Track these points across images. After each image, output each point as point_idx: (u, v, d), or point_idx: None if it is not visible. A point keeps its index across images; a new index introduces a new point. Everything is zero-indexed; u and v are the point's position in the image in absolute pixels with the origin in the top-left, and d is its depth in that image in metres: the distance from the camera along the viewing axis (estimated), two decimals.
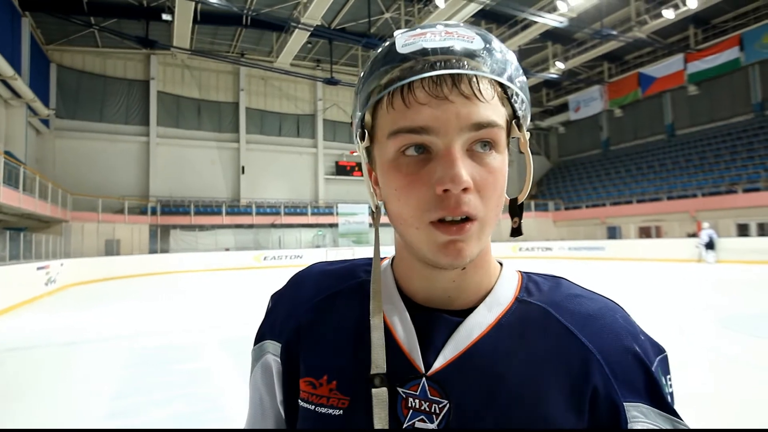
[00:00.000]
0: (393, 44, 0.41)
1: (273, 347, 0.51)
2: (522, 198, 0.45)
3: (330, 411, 0.44)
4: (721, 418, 2.74)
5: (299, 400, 0.47)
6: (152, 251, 18.09)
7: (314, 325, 0.49)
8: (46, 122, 17.09)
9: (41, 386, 3.72)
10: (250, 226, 20.86)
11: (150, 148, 20.09)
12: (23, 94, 13.71)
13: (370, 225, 21.77)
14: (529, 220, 24.13)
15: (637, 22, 17.54)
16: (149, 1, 16.51)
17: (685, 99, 22.67)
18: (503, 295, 0.46)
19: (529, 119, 0.45)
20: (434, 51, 0.39)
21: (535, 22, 16.82)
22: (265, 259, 18.78)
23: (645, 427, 0.40)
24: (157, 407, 3.18)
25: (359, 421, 0.42)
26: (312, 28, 16.73)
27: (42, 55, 17.12)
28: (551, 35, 19.44)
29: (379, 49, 0.43)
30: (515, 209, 0.46)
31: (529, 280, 0.49)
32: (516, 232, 0.46)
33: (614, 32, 17.49)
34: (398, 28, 18.55)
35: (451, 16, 15.96)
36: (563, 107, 26.42)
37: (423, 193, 0.39)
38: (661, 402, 0.42)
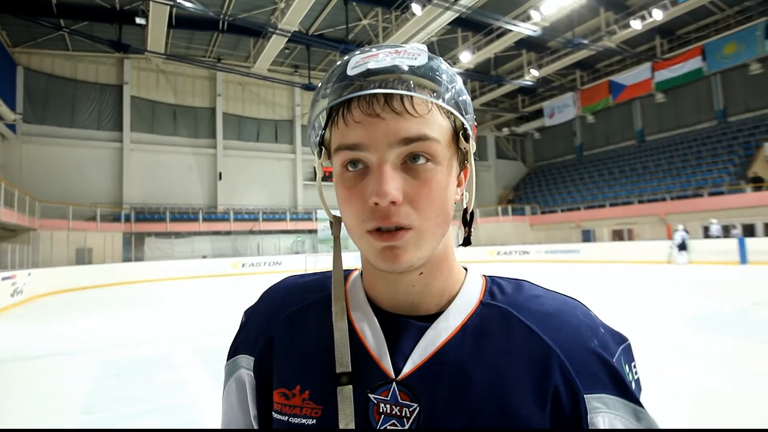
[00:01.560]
0: (345, 65, 0.44)
1: (246, 361, 0.52)
2: (470, 207, 0.48)
3: (303, 421, 0.45)
4: (710, 418, 2.85)
5: (273, 412, 0.48)
6: (126, 259, 17.61)
7: (286, 338, 0.51)
8: (12, 127, 16.48)
9: (7, 402, 3.59)
10: (228, 233, 20.55)
11: (123, 154, 19.60)
12: None
13: None
14: (506, 224, 24.55)
15: (607, 31, 18.16)
16: (122, 5, 16.17)
17: (653, 106, 23.55)
18: (468, 299, 0.48)
19: (472, 133, 0.47)
20: (376, 71, 0.42)
21: (510, 31, 17.21)
22: (243, 266, 18.52)
23: (607, 419, 0.42)
24: (129, 421, 3.11)
25: (333, 428, 0.43)
26: (289, 34, 16.70)
27: (8, 57, 16.56)
28: (526, 43, 19.92)
29: (334, 68, 0.45)
30: (465, 219, 0.49)
31: (492, 283, 0.51)
32: (466, 241, 0.49)
33: (585, 41, 18.07)
34: (375, 35, 18.70)
35: (428, 24, 16.19)
36: (538, 113, 27.04)
37: (360, 205, 0.42)
38: (624, 390, 0.44)
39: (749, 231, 16.04)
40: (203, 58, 20.93)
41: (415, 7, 14.91)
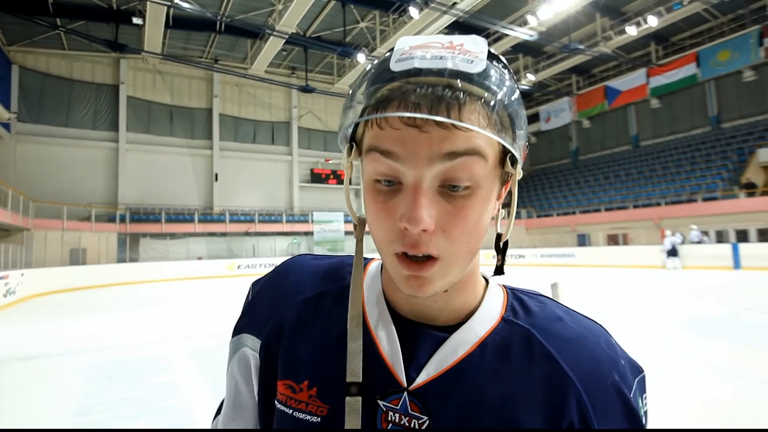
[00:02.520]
0: (389, 58, 0.39)
1: (252, 342, 0.51)
2: (505, 237, 0.45)
3: (308, 417, 0.44)
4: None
5: (276, 402, 0.47)
6: (120, 260, 17.51)
7: (297, 327, 0.49)
8: (6, 126, 16.40)
9: (0, 402, 3.56)
10: (224, 234, 20.48)
11: (119, 155, 19.52)
12: None
13: (346, 233, 21.75)
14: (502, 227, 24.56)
15: (603, 37, 18.32)
16: (119, 4, 16.13)
17: (648, 111, 23.74)
18: (489, 313, 0.46)
19: (522, 156, 0.42)
20: (424, 72, 0.37)
21: (507, 35, 17.32)
22: (239, 267, 18.45)
23: None
24: (124, 422, 3.09)
25: (338, 428, 0.42)
26: (287, 36, 16.72)
27: (3, 56, 16.47)
28: (522, 48, 20.04)
29: (380, 59, 0.41)
30: (498, 246, 0.46)
31: (514, 298, 0.49)
32: (499, 270, 0.46)
33: (581, 46, 18.20)
34: (373, 38, 18.75)
35: (425, 28, 16.25)
36: (534, 117, 27.18)
37: (389, 224, 0.39)
38: (636, 429, 0.43)
39: (743, 236, 16.18)
40: (200, 58, 20.91)
41: (413, 11, 14.98)
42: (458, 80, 0.36)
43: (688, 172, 20.35)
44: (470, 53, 0.38)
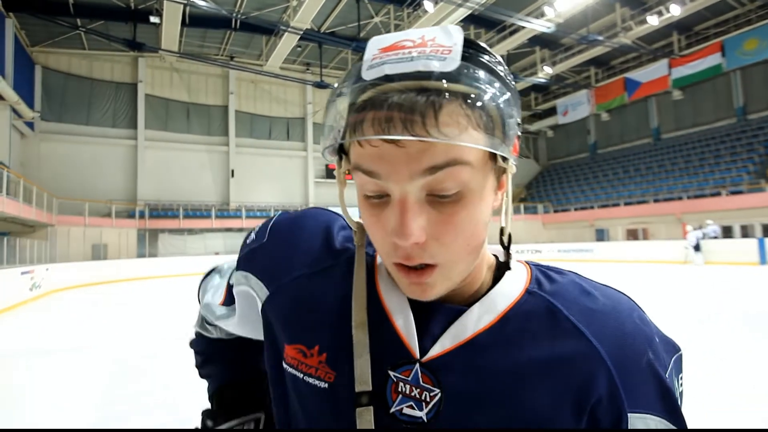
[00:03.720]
0: (361, 64, 0.37)
1: (259, 288, 0.52)
2: (506, 230, 0.44)
3: (317, 383, 0.44)
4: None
5: (285, 365, 0.47)
6: (140, 255, 17.88)
7: (310, 293, 0.48)
8: (30, 125, 16.83)
9: (25, 394, 3.66)
10: (240, 230, 20.71)
11: (138, 152, 19.88)
12: (7, 96, 13.49)
13: None
14: (519, 222, 24.35)
15: (623, 28, 17.86)
16: (137, 4, 16.38)
17: (670, 103, 23.10)
18: (511, 287, 0.44)
19: (511, 151, 0.39)
20: (396, 77, 0.34)
21: (523, 27, 17.03)
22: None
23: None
24: (143, 416, 3.14)
25: (344, 397, 0.42)
26: (301, 32, 16.74)
27: (26, 56, 16.88)
28: (539, 40, 19.69)
29: (358, 60, 0.40)
30: (502, 241, 0.45)
31: (539, 271, 0.47)
32: (504, 266, 0.46)
33: (600, 38, 17.78)
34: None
35: (440, 21, 16.07)
36: (552, 111, 26.75)
37: (382, 236, 0.39)
38: (672, 412, 0.40)
39: None
40: (216, 56, 21.11)
41: (428, 4, 14.84)
42: (432, 81, 0.34)
43: (712, 165, 19.78)
44: (443, 48, 0.35)
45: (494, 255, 0.48)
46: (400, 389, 0.41)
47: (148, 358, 4.76)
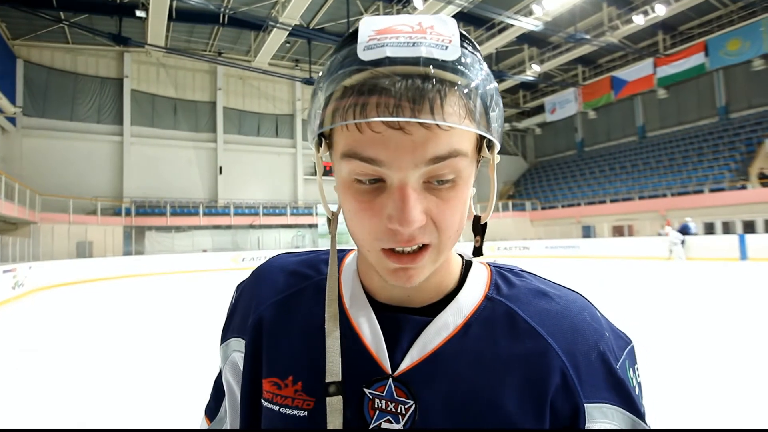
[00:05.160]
0: (355, 42, 0.36)
1: (237, 344, 0.52)
2: (485, 218, 0.45)
3: (295, 412, 0.44)
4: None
5: (263, 400, 0.47)
6: (126, 253, 17.65)
7: (277, 324, 0.49)
8: (12, 120, 16.47)
9: (5, 395, 3.62)
10: (228, 227, 20.58)
11: (124, 148, 19.59)
12: None
13: None
14: (507, 219, 24.56)
15: (609, 27, 18.08)
16: None
17: (655, 102, 23.48)
18: (472, 293, 0.46)
19: (500, 136, 0.41)
20: (397, 61, 0.34)
21: (512, 26, 17.13)
22: (243, 260, 18.55)
23: (603, 426, 0.41)
24: (129, 417, 3.13)
25: (324, 423, 0.42)
26: (290, 28, 16.63)
27: (8, 50, 16.51)
28: (527, 38, 19.82)
29: (342, 43, 0.38)
30: (478, 228, 0.45)
31: (498, 275, 0.49)
32: (477, 251, 0.46)
33: (587, 36, 17.98)
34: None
35: None
36: (539, 109, 26.99)
37: (374, 223, 0.38)
38: (625, 400, 0.43)
39: (750, 227, 16.04)
40: (204, 51, 20.87)
41: (417, 1, 14.84)
42: (435, 69, 0.34)
43: (696, 163, 20.16)
44: (443, 37, 0.36)
45: (460, 254, 0.50)
46: (376, 405, 0.42)
47: (134, 357, 4.73)
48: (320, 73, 0.40)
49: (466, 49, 0.37)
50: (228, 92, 22.29)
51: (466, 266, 0.49)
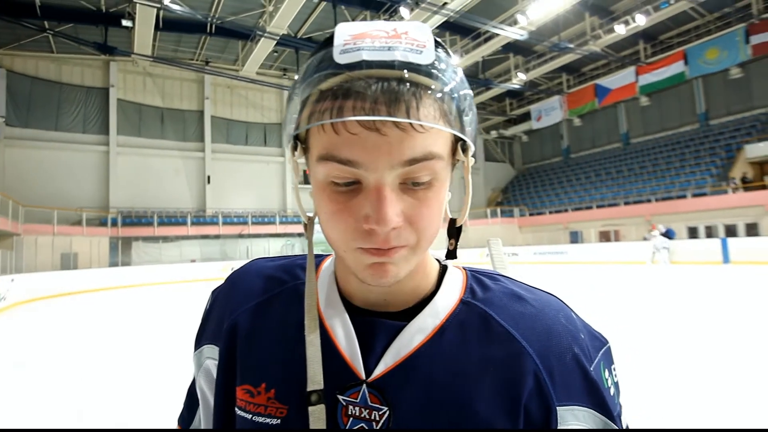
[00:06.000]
0: (331, 46, 0.37)
1: (211, 351, 0.51)
2: (460, 221, 0.45)
3: (268, 420, 0.43)
4: None
5: (236, 409, 0.46)
6: (113, 264, 17.35)
7: (251, 330, 0.48)
8: None
9: None
10: (217, 237, 20.39)
11: (110, 158, 19.36)
12: None
13: None
14: (495, 226, 24.73)
15: (592, 36, 18.51)
16: (108, 7, 16.02)
17: (638, 109, 24.00)
18: (448, 298, 0.46)
19: (474, 140, 0.41)
20: (374, 64, 0.35)
21: (498, 35, 17.42)
22: (232, 269, 18.23)
23: (574, 428, 0.41)
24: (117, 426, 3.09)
25: (299, 428, 0.42)
26: (278, 37, 16.69)
27: None
28: (513, 47, 20.15)
29: (318, 48, 0.39)
30: (453, 231, 0.45)
31: (473, 279, 0.49)
32: (451, 254, 0.46)
33: (571, 45, 18.37)
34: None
35: None
36: (526, 116, 27.37)
37: (350, 224, 0.38)
38: (598, 402, 0.42)
39: (731, 231, 16.41)
40: (191, 60, 20.80)
41: (403, 11, 15.03)
42: (410, 73, 0.35)
43: (678, 169, 20.60)
44: (417, 42, 0.36)
45: (437, 259, 0.50)
46: (350, 412, 0.41)
47: (122, 370, 4.66)
48: (296, 77, 0.41)
49: (440, 54, 0.38)
50: (216, 101, 22.21)
51: (443, 271, 0.49)
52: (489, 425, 0.40)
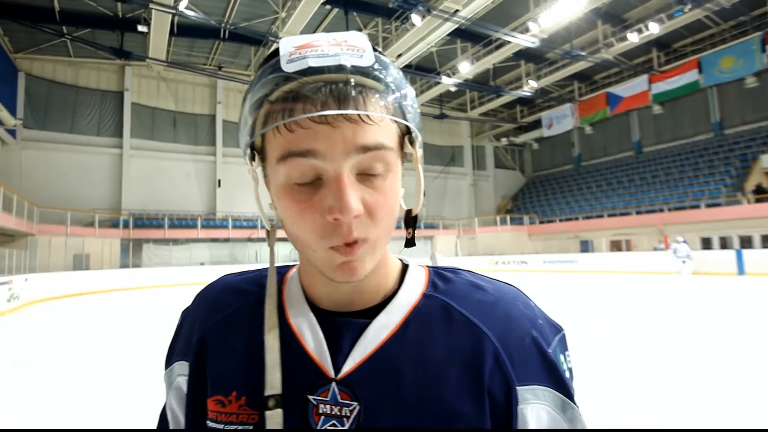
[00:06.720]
0: (278, 58, 0.40)
1: (181, 368, 0.51)
2: (416, 210, 0.47)
3: (240, 428, 0.44)
4: None
5: (208, 422, 0.46)
6: (123, 266, 17.55)
7: (221, 341, 0.49)
8: (12, 132, 16.53)
9: (1, 408, 3.57)
10: (226, 240, 20.52)
11: (123, 161, 19.64)
12: None
13: None
14: (505, 234, 24.58)
15: (604, 44, 18.39)
16: (124, 12, 16.32)
17: (650, 117, 23.76)
18: (410, 293, 0.48)
19: (420, 134, 0.44)
20: (320, 70, 0.38)
21: (509, 42, 17.39)
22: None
23: (534, 409, 0.43)
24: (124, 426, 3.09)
25: None
26: None
27: (10, 63, 16.65)
28: (524, 54, 20.12)
29: (264, 61, 0.42)
30: (410, 220, 0.47)
31: (435, 275, 0.51)
32: (409, 243, 0.48)
33: (583, 53, 18.27)
34: (376, 45, 18.73)
35: (428, 35, 16.36)
36: (537, 124, 27.24)
37: (316, 219, 0.39)
38: (556, 381, 0.44)
39: (747, 242, 16.10)
40: (204, 65, 21.08)
41: (415, 18, 15.07)
42: (354, 75, 0.38)
43: (691, 178, 20.32)
44: (357, 47, 0.40)
45: (400, 259, 0.52)
46: (321, 411, 0.42)
47: (130, 371, 4.68)
48: (245, 91, 0.43)
49: (379, 57, 0.41)
50: (228, 106, 22.45)
51: (405, 269, 0.51)
52: (457, 410, 0.41)
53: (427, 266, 0.52)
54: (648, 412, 3.06)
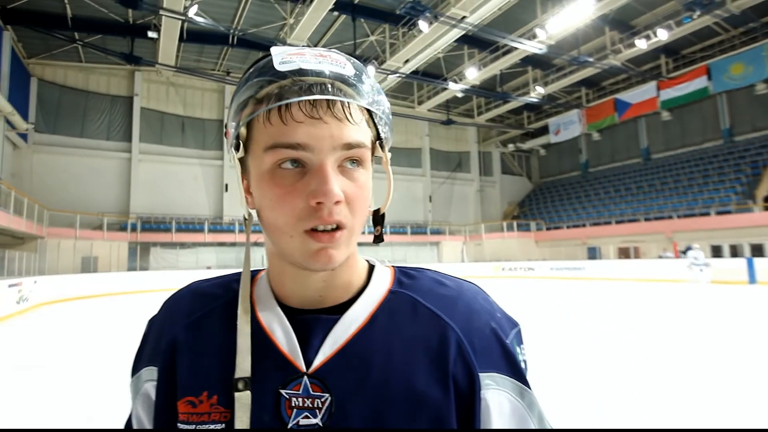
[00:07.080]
0: (270, 59, 0.44)
1: (149, 374, 0.51)
2: (383, 209, 0.51)
3: (211, 426, 0.44)
4: None
5: (179, 424, 0.46)
6: (131, 269, 17.68)
7: (191, 343, 0.50)
8: (24, 136, 16.77)
9: (8, 409, 3.59)
10: (233, 244, 20.60)
11: (132, 165, 19.83)
12: (1, 107, 13.48)
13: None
14: (512, 240, 24.46)
15: (612, 50, 18.33)
16: (135, 19, 16.55)
17: (659, 124, 23.59)
18: (378, 289, 0.50)
19: (390, 141, 0.50)
20: (311, 73, 0.43)
21: (516, 48, 17.40)
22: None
23: (495, 395, 0.45)
24: None
25: (243, 429, 0.43)
26: None
27: (23, 68, 16.92)
28: (531, 61, 20.09)
29: (255, 63, 0.46)
30: (378, 219, 0.51)
31: (400, 273, 0.54)
32: (378, 239, 0.51)
33: (591, 59, 18.23)
34: (383, 51, 18.96)
35: (435, 41, 16.41)
36: (544, 130, 27.16)
37: (298, 203, 0.42)
38: (514, 369, 0.47)
39: (758, 251, 15.87)
40: (213, 71, 21.29)
41: (422, 25, 15.13)
42: (338, 81, 0.43)
43: (701, 186, 20.12)
44: (339, 60, 0.45)
45: (366, 260, 0.55)
46: (293, 404, 0.44)
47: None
48: (240, 84, 0.46)
49: (358, 69, 0.46)
50: None
51: (372, 269, 0.54)
52: (424, 396, 0.44)
53: (392, 266, 0.56)
54: (648, 412, 3.04)
